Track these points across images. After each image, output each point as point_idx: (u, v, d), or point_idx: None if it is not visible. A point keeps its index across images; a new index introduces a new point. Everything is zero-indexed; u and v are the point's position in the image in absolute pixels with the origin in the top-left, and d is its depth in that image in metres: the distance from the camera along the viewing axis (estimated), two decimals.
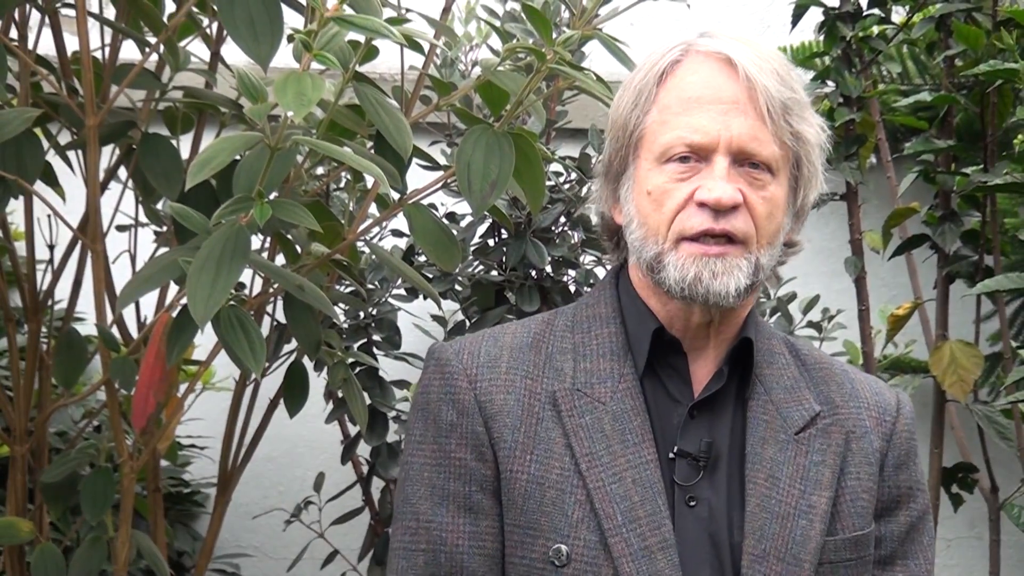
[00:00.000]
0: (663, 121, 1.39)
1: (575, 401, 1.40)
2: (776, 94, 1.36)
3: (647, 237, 1.39)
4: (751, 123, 1.36)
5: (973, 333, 2.79)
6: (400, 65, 1.93)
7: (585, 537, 1.35)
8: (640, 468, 1.36)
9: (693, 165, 1.36)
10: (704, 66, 1.39)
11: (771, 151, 1.37)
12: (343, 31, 1.43)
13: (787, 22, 2.74)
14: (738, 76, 1.36)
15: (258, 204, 1.45)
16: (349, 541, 2.63)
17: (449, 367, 1.43)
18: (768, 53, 1.40)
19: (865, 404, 1.47)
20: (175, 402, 1.86)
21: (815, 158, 1.42)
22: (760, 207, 1.37)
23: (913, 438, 1.50)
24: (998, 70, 2.38)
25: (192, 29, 2.00)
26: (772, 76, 1.37)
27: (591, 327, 1.45)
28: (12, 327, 1.96)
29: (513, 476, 1.37)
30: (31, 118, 1.68)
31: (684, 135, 1.36)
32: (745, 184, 1.36)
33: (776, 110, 1.36)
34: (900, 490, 1.47)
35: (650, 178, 1.39)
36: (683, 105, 1.38)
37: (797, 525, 1.37)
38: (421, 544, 1.40)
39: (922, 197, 2.84)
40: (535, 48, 1.59)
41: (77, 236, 1.91)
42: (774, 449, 1.40)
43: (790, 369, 1.46)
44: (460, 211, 2.53)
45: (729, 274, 1.35)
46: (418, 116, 1.87)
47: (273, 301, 2.12)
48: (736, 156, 1.36)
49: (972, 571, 3.07)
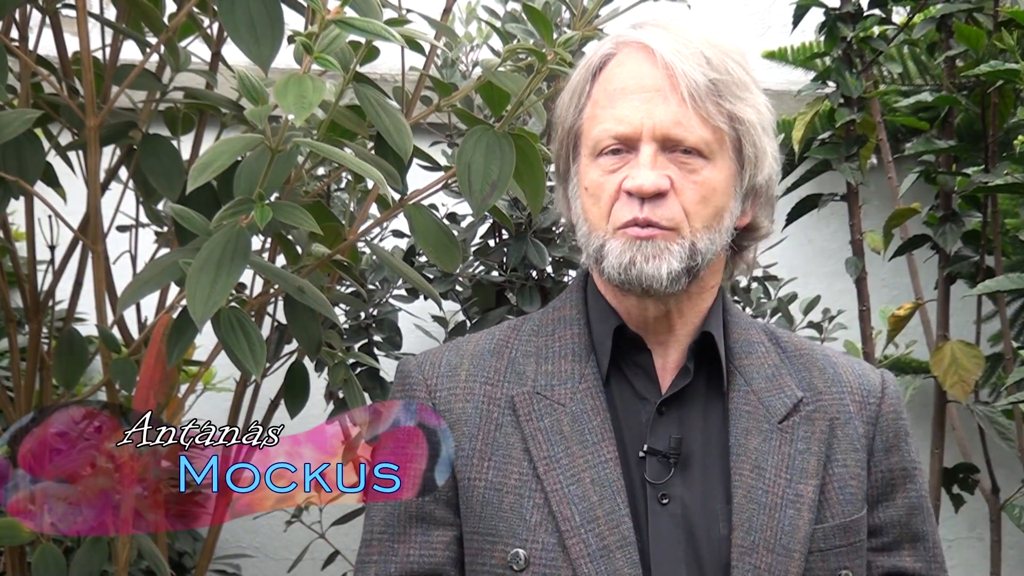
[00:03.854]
0: (593, 116, 1.39)
1: (534, 405, 1.39)
2: (698, 77, 1.34)
3: (590, 232, 1.39)
4: (674, 109, 1.35)
5: (974, 333, 2.79)
6: (401, 66, 1.93)
7: (543, 540, 1.34)
8: (599, 468, 1.36)
9: (624, 156, 1.36)
10: (630, 58, 1.39)
11: (698, 135, 1.35)
12: (344, 33, 1.43)
13: (788, 23, 2.74)
14: (658, 63, 1.36)
15: (259, 206, 1.45)
16: (350, 542, 2.63)
17: (410, 379, 1.44)
18: (696, 37, 1.38)
19: (848, 388, 1.46)
20: (175, 403, 1.86)
21: (758, 138, 1.39)
22: (691, 192, 1.35)
23: (901, 418, 1.48)
24: (999, 71, 2.38)
25: (193, 29, 2.00)
26: (694, 59, 1.35)
27: (555, 329, 1.45)
28: (13, 327, 1.96)
29: (471, 484, 1.38)
30: (32, 119, 1.68)
31: (610, 127, 1.36)
32: (676, 170, 1.35)
33: (700, 94, 1.34)
34: (894, 473, 1.46)
35: (587, 174, 1.39)
36: (609, 98, 1.38)
37: (785, 515, 1.36)
38: (373, 555, 1.42)
39: (923, 197, 2.84)
40: (536, 49, 1.59)
41: (78, 237, 1.91)
42: (758, 439, 1.39)
43: (770, 357, 1.45)
44: (461, 211, 2.53)
45: (660, 257, 1.34)
46: (419, 117, 1.87)
47: (274, 302, 2.12)
48: (663, 143, 1.35)
49: (973, 572, 3.07)
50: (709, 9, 3.07)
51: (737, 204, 1.41)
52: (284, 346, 2.19)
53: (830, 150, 2.70)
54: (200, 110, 2.01)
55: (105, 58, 1.93)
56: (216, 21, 2.00)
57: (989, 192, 2.59)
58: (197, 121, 2.05)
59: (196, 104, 1.96)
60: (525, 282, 2.47)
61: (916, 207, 2.69)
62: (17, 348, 1.95)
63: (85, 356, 1.92)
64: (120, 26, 1.90)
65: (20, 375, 1.94)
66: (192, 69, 1.96)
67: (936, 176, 2.70)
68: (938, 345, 2.69)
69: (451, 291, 2.50)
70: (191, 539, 2.69)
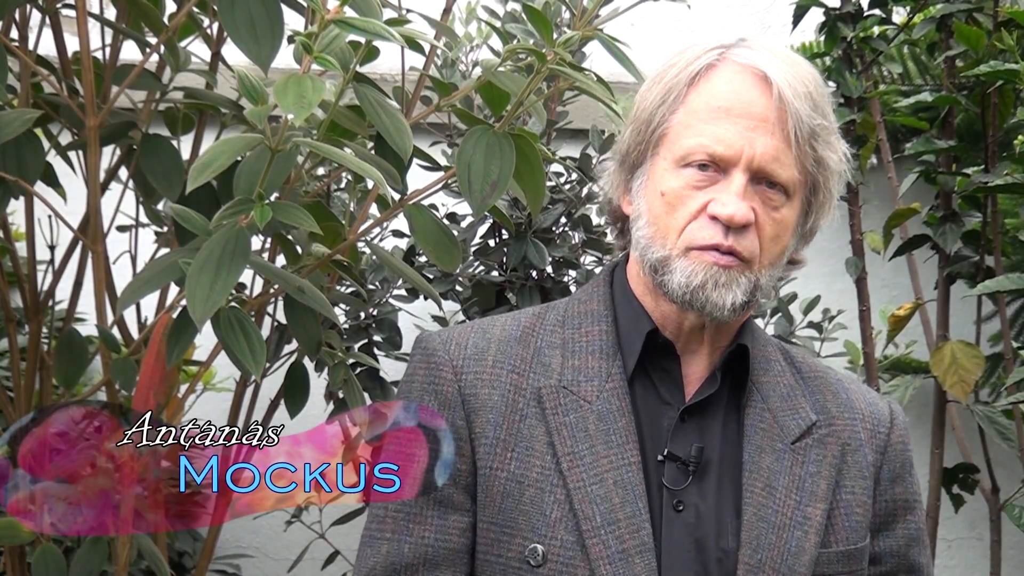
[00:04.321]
0: (688, 124, 1.36)
1: (560, 399, 1.38)
2: (806, 119, 1.34)
3: (655, 238, 1.37)
4: (776, 144, 1.34)
5: (974, 334, 2.79)
6: (401, 66, 1.93)
7: (562, 537, 1.33)
8: (622, 470, 1.35)
9: (711, 175, 1.35)
10: (738, 77, 1.36)
11: (790, 174, 1.35)
12: (344, 33, 1.43)
13: (788, 22, 2.74)
14: (771, 94, 1.34)
15: (258, 206, 1.45)
16: (350, 542, 2.63)
17: (435, 357, 1.42)
18: (805, 74, 1.37)
19: (860, 416, 1.46)
20: (175, 403, 1.86)
21: (833, 185, 1.40)
22: (769, 228, 1.35)
23: (908, 450, 1.48)
24: (999, 71, 2.38)
25: (192, 29, 2.00)
26: (806, 100, 1.35)
27: (582, 323, 1.44)
28: (13, 327, 1.96)
29: (492, 473, 1.36)
30: (32, 119, 1.68)
31: (707, 144, 1.34)
32: (759, 203, 1.34)
33: (803, 135, 1.34)
34: (896, 503, 1.46)
35: (666, 179, 1.37)
36: (711, 113, 1.35)
37: (792, 536, 1.36)
38: (387, 532, 1.39)
39: (923, 197, 2.84)
40: (535, 49, 1.59)
41: (78, 237, 1.91)
42: (771, 458, 1.39)
43: (786, 377, 1.45)
44: (461, 211, 2.53)
45: (729, 287, 1.34)
46: (419, 117, 1.87)
47: (273, 301, 2.12)
48: (755, 174, 1.34)
49: (973, 572, 3.07)
50: (710, 9, 3.07)
51: (795, 242, 1.42)
52: (284, 346, 2.19)
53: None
54: (200, 110, 2.01)
55: (105, 58, 1.93)
56: (216, 21, 2.00)
57: (989, 192, 2.59)
58: (197, 121, 2.05)
59: (196, 104, 1.96)
60: (525, 282, 2.47)
61: (916, 207, 2.69)
62: (17, 348, 1.95)
63: (85, 356, 1.92)
64: (120, 26, 1.90)
65: (20, 375, 1.94)
66: (192, 69, 1.96)
67: (936, 176, 2.70)
68: (938, 345, 2.68)
69: (451, 291, 2.50)
70: (191, 539, 2.68)
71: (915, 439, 1.52)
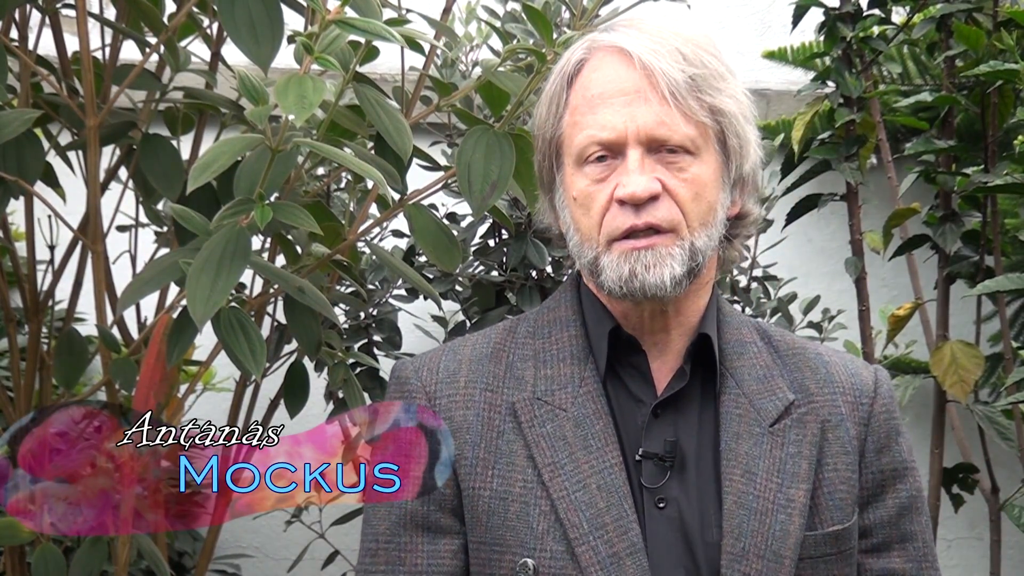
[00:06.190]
0: (575, 123, 1.37)
1: (535, 411, 1.38)
2: (677, 75, 1.33)
3: (582, 243, 1.38)
4: (656, 109, 1.33)
5: (974, 334, 2.79)
6: (401, 65, 1.93)
7: (552, 548, 1.33)
8: (604, 473, 1.34)
9: (610, 163, 1.35)
10: (604, 62, 1.37)
11: (683, 133, 1.34)
12: (344, 33, 1.43)
13: (787, 22, 2.74)
14: (635, 65, 1.34)
15: (259, 206, 1.45)
16: (350, 541, 2.63)
17: (408, 385, 1.42)
18: (668, 33, 1.36)
19: (841, 389, 1.44)
20: (175, 403, 1.86)
21: (741, 127, 1.38)
22: (683, 191, 1.34)
23: (893, 417, 1.46)
24: (998, 71, 2.38)
25: (192, 29, 2.01)
26: (671, 57, 1.34)
27: (552, 331, 1.44)
28: (13, 327, 1.96)
29: (476, 493, 1.36)
30: (31, 119, 1.68)
31: (594, 133, 1.35)
32: (664, 171, 1.34)
33: (680, 91, 1.33)
34: (884, 474, 1.44)
35: (574, 183, 1.37)
36: (589, 104, 1.36)
37: (776, 520, 1.35)
38: (380, 565, 1.39)
39: (923, 197, 2.84)
40: (535, 49, 1.60)
41: (78, 237, 1.91)
42: (749, 443, 1.37)
43: (762, 357, 1.44)
44: (460, 211, 2.53)
45: (661, 264, 1.33)
46: (418, 117, 1.87)
47: (273, 301, 2.12)
48: (648, 145, 1.34)
49: (972, 572, 3.08)
50: (709, 9, 3.07)
51: (727, 195, 1.39)
52: (284, 346, 2.19)
53: (830, 150, 2.70)
54: (200, 110, 2.01)
55: (105, 58, 1.93)
56: (216, 21, 2.00)
57: (989, 192, 2.59)
58: (197, 121, 2.05)
59: (196, 104, 1.96)
60: (525, 282, 2.47)
61: (916, 207, 2.69)
62: (17, 348, 1.95)
63: (85, 356, 1.92)
64: (120, 26, 1.90)
65: (20, 375, 1.94)
66: (192, 69, 1.96)
67: (936, 176, 2.70)
68: (938, 345, 2.69)
69: (451, 291, 2.50)
70: (191, 539, 2.69)
71: (915, 439, 1.51)
